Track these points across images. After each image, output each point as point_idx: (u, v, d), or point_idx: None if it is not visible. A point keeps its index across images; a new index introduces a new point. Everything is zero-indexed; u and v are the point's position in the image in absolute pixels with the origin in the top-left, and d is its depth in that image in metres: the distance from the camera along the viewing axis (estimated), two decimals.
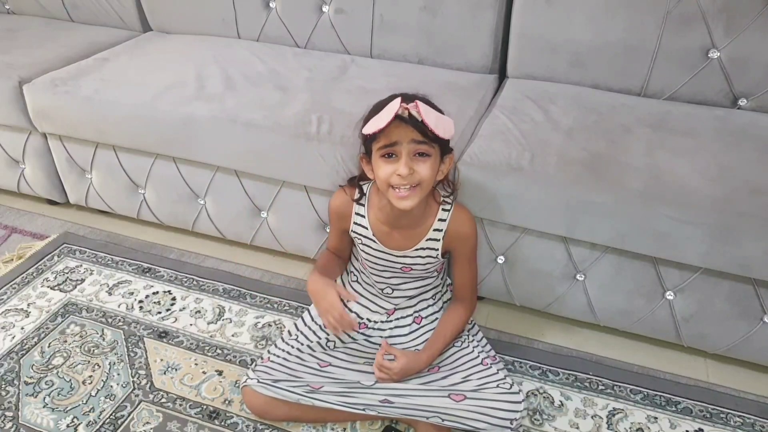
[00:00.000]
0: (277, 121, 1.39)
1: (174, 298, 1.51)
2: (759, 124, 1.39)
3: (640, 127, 1.36)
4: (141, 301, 1.49)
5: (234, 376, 1.29)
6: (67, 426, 1.18)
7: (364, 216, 1.20)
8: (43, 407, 1.22)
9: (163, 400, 1.24)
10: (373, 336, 1.24)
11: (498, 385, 1.11)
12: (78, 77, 1.61)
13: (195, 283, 1.56)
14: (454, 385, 1.13)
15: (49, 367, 1.31)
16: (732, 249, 1.13)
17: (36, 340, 1.38)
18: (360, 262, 1.27)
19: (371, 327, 1.25)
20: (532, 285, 1.37)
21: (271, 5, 1.81)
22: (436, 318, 1.25)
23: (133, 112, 1.50)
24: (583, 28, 1.50)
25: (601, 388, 1.28)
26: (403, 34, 1.69)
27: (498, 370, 1.15)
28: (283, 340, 1.26)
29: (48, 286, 1.54)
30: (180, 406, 1.23)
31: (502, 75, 1.69)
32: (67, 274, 1.58)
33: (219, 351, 1.35)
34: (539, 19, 1.53)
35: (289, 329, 1.31)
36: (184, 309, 1.47)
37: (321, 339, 1.24)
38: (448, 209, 1.17)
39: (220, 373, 1.30)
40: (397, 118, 1.00)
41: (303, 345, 1.23)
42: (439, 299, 1.28)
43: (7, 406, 1.22)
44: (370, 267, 1.23)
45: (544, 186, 1.21)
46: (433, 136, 1.02)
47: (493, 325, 1.44)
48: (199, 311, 1.47)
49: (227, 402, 1.23)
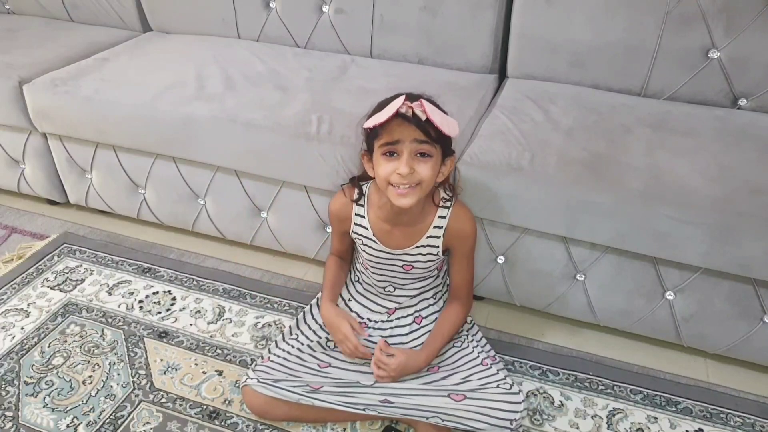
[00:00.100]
0: (277, 121, 1.39)
1: (174, 298, 1.50)
2: (759, 124, 1.39)
3: (640, 127, 1.36)
4: (141, 301, 1.49)
5: (234, 376, 1.29)
6: (67, 426, 1.18)
7: (364, 216, 1.20)
8: (43, 407, 1.22)
9: (163, 400, 1.24)
10: (374, 336, 1.24)
11: (498, 385, 1.11)
12: (78, 77, 1.61)
13: (195, 283, 1.56)
14: (454, 385, 1.13)
15: (49, 367, 1.31)
16: (732, 249, 1.13)
17: (36, 340, 1.38)
18: (361, 263, 1.27)
19: (371, 327, 1.25)
20: (532, 285, 1.37)
21: (271, 5, 1.81)
22: (436, 318, 1.25)
23: (133, 112, 1.50)
24: (583, 28, 1.50)
25: (601, 388, 1.28)
26: (403, 34, 1.69)
27: (498, 371, 1.15)
28: (283, 340, 1.26)
29: (48, 286, 1.54)
30: (180, 406, 1.23)
31: (502, 75, 1.69)
32: (67, 274, 1.58)
33: (219, 351, 1.35)
34: (539, 19, 1.53)
35: (290, 326, 1.31)
36: (184, 309, 1.47)
37: (321, 338, 1.24)
38: (448, 206, 1.17)
39: (220, 373, 1.30)
40: (400, 117, 1.00)
41: (303, 345, 1.23)
42: (439, 299, 1.28)
43: (7, 406, 1.22)
44: (372, 266, 1.23)
45: (544, 186, 1.21)
46: (436, 137, 1.02)
47: (493, 325, 1.44)
48: (199, 311, 1.47)
49: (227, 402, 1.23)
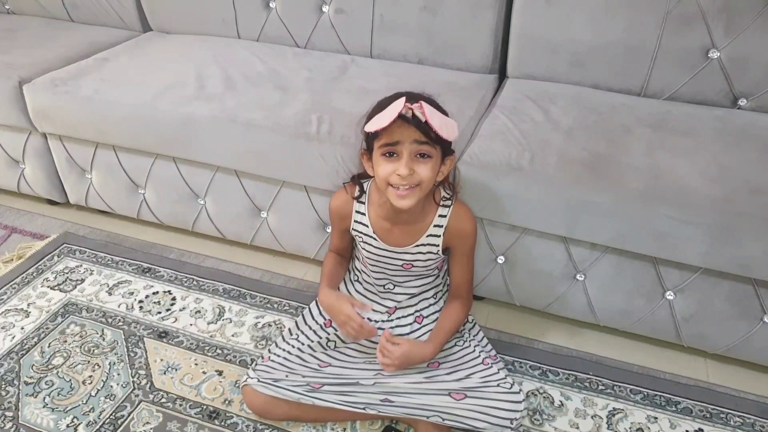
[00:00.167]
0: (277, 121, 1.39)
1: (174, 298, 1.50)
2: (759, 124, 1.39)
3: (640, 127, 1.36)
4: (141, 301, 1.49)
5: (234, 376, 1.29)
6: (67, 426, 1.18)
7: (364, 214, 1.20)
8: (43, 407, 1.22)
9: (163, 400, 1.24)
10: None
11: (498, 385, 1.11)
12: (78, 77, 1.61)
13: (195, 283, 1.56)
14: (454, 381, 1.13)
15: (49, 367, 1.31)
16: (732, 249, 1.13)
17: (36, 340, 1.38)
18: (361, 261, 1.27)
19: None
20: (532, 285, 1.37)
21: (271, 5, 1.81)
22: (437, 317, 1.25)
23: (133, 112, 1.50)
24: (583, 28, 1.50)
25: (601, 388, 1.28)
26: (403, 34, 1.69)
27: (498, 370, 1.15)
28: (284, 340, 1.26)
29: (48, 286, 1.54)
30: (180, 406, 1.23)
31: (502, 75, 1.69)
32: (67, 274, 1.58)
33: (219, 351, 1.35)
34: (539, 19, 1.53)
35: (290, 328, 1.31)
36: (184, 309, 1.47)
37: (321, 338, 1.24)
38: (449, 205, 1.17)
39: (220, 373, 1.30)
40: (400, 118, 0.99)
41: (303, 344, 1.23)
42: (440, 298, 1.28)
43: (7, 406, 1.22)
44: (371, 265, 1.23)
45: (544, 186, 1.21)
46: (436, 137, 1.02)
47: (493, 325, 1.44)
48: (199, 311, 1.47)
49: (227, 402, 1.23)
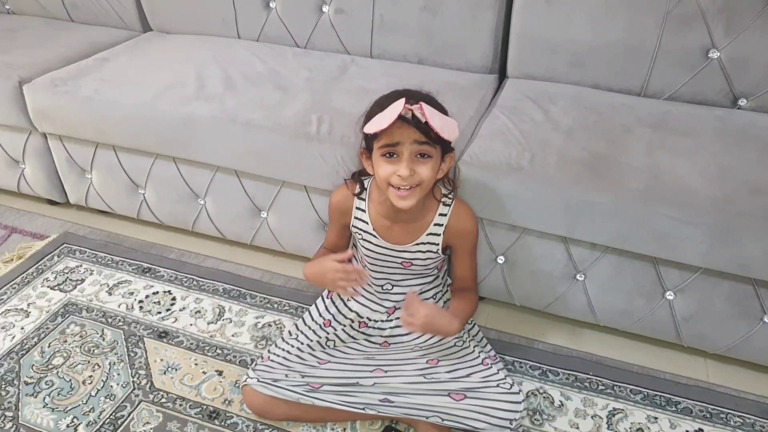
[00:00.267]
0: (277, 121, 1.39)
1: (174, 298, 1.50)
2: (759, 124, 1.39)
3: (640, 127, 1.36)
4: (141, 301, 1.49)
5: (234, 376, 1.29)
6: (67, 426, 1.18)
7: (364, 210, 1.20)
8: (43, 407, 1.22)
9: (163, 400, 1.24)
10: (373, 335, 1.24)
11: (498, 385, 1.11)
12: (78, 77, 1.61)
13: (195, 283, 1.56)
14: (453, 380, 1.13)
15: (49, 367, 1.31)
16: (732, 249, 1.13)
17: (36, 340, 1.38)
18: (360, 260, 1.27)
19: (371, 326, 1.25)
20: (532, 285, 1.37)
21: (271, 5, 1.81)
22: None
23: (133, 112, 1.50)
24: (583, 28, 1.50)
25: (601, 388, 1.28)
26: (403, 34, 1.69)
27: (498, 370, 1.16)
28: (284, 340, 1.26)
29: (48, 286, 1.54)
30: (180, 406, 1.23)
31: (502, 75, 1.69)
32: (67, 274, 1.58)
33: (219, 351, 1.35)
34: (539, 19, 1.53)
35: (290, 329, 1.31)
36: (184, 309, 1.47)
37: (321, 338, 1.24)
38: (449, 204, 1.17)
39: (220, 373, 1.30)
40: (400, 119, 0.99)
41: (303, 344, 1.23)
42: (440, 299, 1.28)
43: (7, 406, 1.22)
44: (370, 263, 1.23)
45: (544, 186, 1.21)
46: (436, 137, 1.02)
47: (493, 325, 1.44)
48: (199, 311, 1.47)
49: (227, 402, 1.23)
